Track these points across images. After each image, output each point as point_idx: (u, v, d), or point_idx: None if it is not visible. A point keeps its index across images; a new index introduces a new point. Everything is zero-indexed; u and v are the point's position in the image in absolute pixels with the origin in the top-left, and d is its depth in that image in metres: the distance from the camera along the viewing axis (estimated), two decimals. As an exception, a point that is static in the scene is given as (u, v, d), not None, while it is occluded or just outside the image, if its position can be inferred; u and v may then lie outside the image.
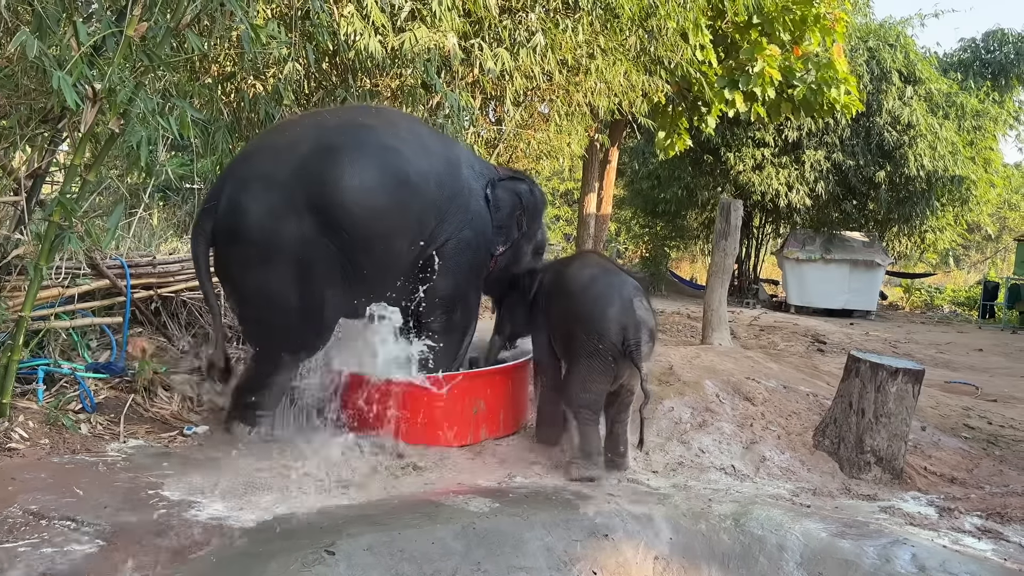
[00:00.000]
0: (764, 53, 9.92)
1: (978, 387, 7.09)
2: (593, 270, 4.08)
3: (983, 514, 3.58)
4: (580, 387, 3.81)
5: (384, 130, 3.87)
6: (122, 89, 3.30)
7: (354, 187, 3.61)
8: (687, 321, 10.48)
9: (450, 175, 4.01)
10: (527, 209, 4.39)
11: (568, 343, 3.93)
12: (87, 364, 4.32)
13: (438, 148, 4.09)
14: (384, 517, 2.89)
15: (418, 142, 3.96)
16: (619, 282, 3.97)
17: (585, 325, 3.81)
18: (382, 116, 4.13)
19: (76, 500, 2.94)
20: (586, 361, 3.79)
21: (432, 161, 3.94)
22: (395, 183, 3.73)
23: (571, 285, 4.02)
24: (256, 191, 3.59)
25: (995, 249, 28.66)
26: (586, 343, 3.78)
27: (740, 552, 3.04)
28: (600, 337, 3.74)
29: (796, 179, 15.70)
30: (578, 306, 3.90)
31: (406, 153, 3.82)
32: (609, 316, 3.77)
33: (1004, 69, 19.92)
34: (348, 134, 3.78)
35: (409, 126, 4.12)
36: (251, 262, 3.63)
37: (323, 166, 3.60)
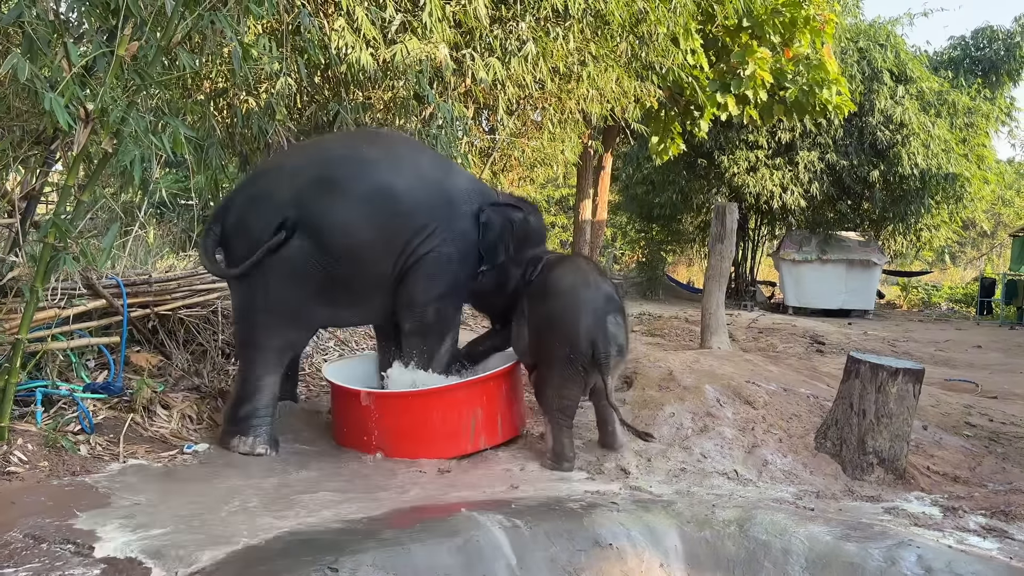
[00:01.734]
0: (755, 56, 9.96)
1: (978, 384, 7.08)
2: (573, 278, 4.22)
3: (987, 513, 3.57)
4: (554, 392, 4.06)
5: (383, 163, 4.20)
6: (114, 109, 3.29)
7: (341, 223, 4.02)
8: (685, 325, 10.48)
9: (440, 200, 4.29)
10: (516, 235, 4.47)
11: (542, 346, 4.13)
12: (85, 385, 4.30)
13: (434, 176, 4.37)
14: (386, 532, 2.88)
15: (415, 172, 4.28)
16: (595, 295, 4.12)
17: (558, 333, 4.03)
18: (386, 147, 4.40)
19: (75, 522, 2.92)
20: (559, 367, 4.02)
21: (425, 190, 4.25)
22: (383, 219, 4.09)
23: (549, 291, 4.19)
24: (260, 209, 4.05)
25: (991, 245, 28.71)
26: (558, 350, 4.00)
27: (745, 558, 3.03)
28: (571, 347, 3.96)
29: (790, 180, 15.73)
30: (553, 313, 4.11)
31: (399, 187, 4.15)
32: (580, 328, 3.97)
33: (994, 66, 20.03)
34: (347, 168, 4.16)
35: (411, 156, 4.42)
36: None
37: (319, 198, 4.02)
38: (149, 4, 3.51)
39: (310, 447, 4.31)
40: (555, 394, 4.06)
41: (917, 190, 16.00)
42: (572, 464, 4.04)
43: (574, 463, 4.06)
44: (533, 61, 6.46)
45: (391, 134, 5.29)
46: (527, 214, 4.56)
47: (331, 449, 4.29)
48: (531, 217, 4.59)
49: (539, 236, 4.65)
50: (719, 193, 16.64)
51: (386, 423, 4.18)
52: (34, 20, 3.29)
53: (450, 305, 4.46)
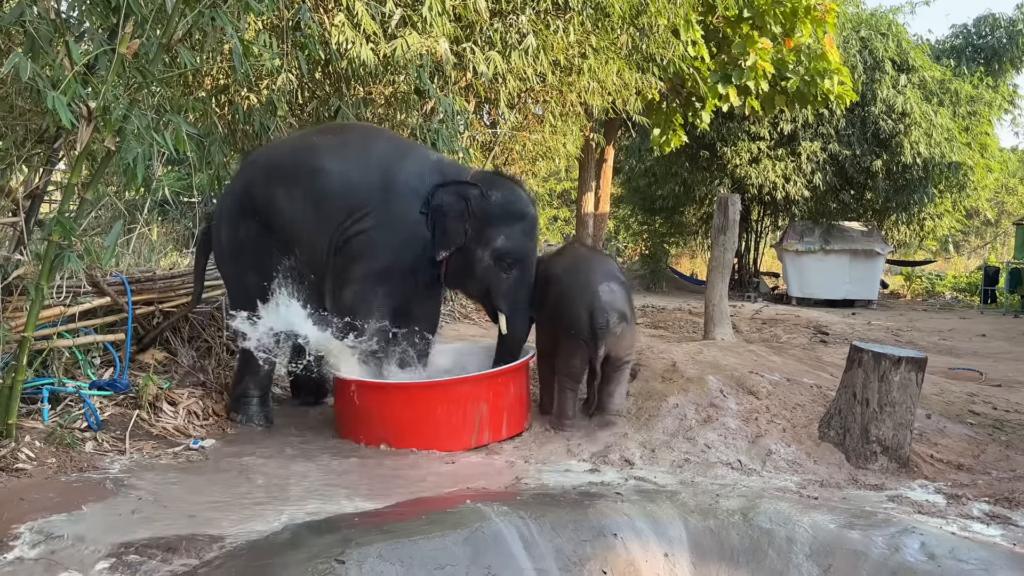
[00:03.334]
0: (756, 46, 9.94)
1: (982, 373, 7.08)
2: (568, 260, 4.69)
3: (991, 500, 3.57)
4: (563, 361, 4.48)
5: (325, 149, 4.39)
6: (116, 107, 3.30)
7: (283, 205, 4.30)
8: (688, 317, 10.48)
9: (380, 183, 4.29)
10: (475, 215, 4.31)
11: (552, 324, 4.52)
12: (91, 382, 4.32)
13: (381, 159, 4.38)
14: (392, 524, 2.90)
15: (358, 157, 4.38)
16: (588, 271, 4.54)
17: (559, 311, 4.42)
18: (340, 134, 4.65)
19: (84, 518, 2.94)
20: (565, 340, 4.42)
21: (363, 173, 4.31)
22: (314, 200, 4.27)
23: (551, 275, 4.56)
24: (226, 202, 4.61)
25: (994, 234, 28.63)
26: (562, 326, 4.40)
27: (749, 546, 3.04)
28: (571, 321, 4.34)
29: (793, 171, 15.71)
30: (555, 294, 4.47)
31: (332, 170, 4.29)
32: (578, 304, 4.34)
33: (996, 54, 19.93)
34: (291, 154, 4.49)
35: (361, 142, 4.53)
36: (223, 257, 4.60)
37: (264, 183, 4.39)
38: (149, 2, 3.52)
39: (314, 440, 4.33)
40: (562, 362, 4.48)
41: (920, 179, 15.97)
42: (573, 423, 4.47)
43: (575, 423, 4.48)
44: (534, 54, 6.46)
45: (361, 126, 5.29)
46: (486, 191, 4.34)
47: (334, 442, 4.30)
48: (493, 193, 4.36)
49: (506, 213, 4.39)
50: (721, 184, 16.62)
51: (390, 415, 4.20)
52: (35, 19, 3.31)
53: (371, 288, 4.28)
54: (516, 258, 4.43)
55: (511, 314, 4.50)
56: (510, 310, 4.49)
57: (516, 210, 4.44)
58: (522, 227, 4.45)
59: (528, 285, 4.53)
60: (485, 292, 4.52)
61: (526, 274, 4.51)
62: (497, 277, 4.43)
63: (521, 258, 4.46)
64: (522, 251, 4.46)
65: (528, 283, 4.53)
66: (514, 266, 4.44)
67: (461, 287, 4.73)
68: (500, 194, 4.41)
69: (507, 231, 4.38)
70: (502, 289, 4.46)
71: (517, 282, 4.48)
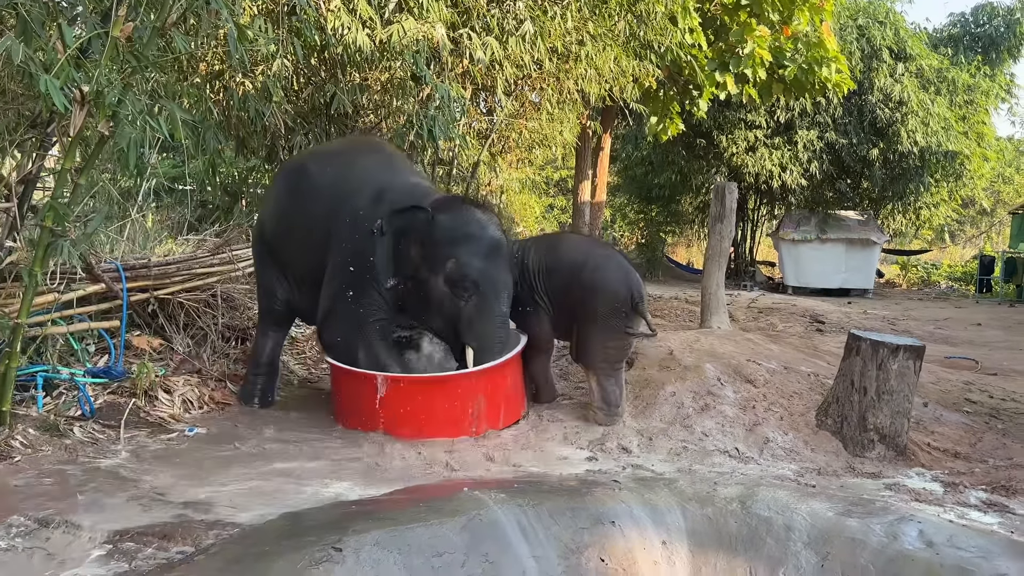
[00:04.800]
0: (754, 34, 9.90)
1: (978, 361, 7.09)
2: (585, 245, 4.78)
3: (988, 488, 3.58)
4: (599, 346, 4.35)
5: (311, 173, 4.62)
6: (110, 91, 3.26)
7: (273, 225, 4.72)
8: (685, 306, 10.48)
9: (335, 209, 4.37)
10: (423, 240, 4.11)
11: (580, 312, 4.36)
12: (86, 369, 4.30)
13: (351, 184, 4.41)
14: (390, 512, 2.88)
15: (336, 182, 4.47)
16: (610, 253, 4.74)
17: (598, 294, 4.32)
18: (326, 157, 4.84)
19: (78, 506, 2.92)
20: (603, 323, 4.31)
21: (329, 201, 4.41)
22: (300, 222, 4.52)
23: (570, 261, 4.47)
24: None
25: (990, 223, 28.67)
26: (601, 308, 4.30)
27: (747, 534, 3.04)
28: (616, 300, 4.30)
29: (789, 160, 15.68)
30: (584, 280, 4.37)
31: (309, 200, 4.49)
32: (618, 282, 4.35)
33: (994, 43, 19.92)
34: (284, 178, 4.87)
35: (345, 160, 4.66)
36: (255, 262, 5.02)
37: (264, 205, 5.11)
38: (143, -15, 3.48)
39: (312, 427, 4.31)
40: (600, 347, 4.36)
41: (916, 168, 15.97)
42: (622, 409, 4.39)
43: (623, 407, 4.41)
44: (531, 41, 6.41)
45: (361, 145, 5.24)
46: (436, 215, 4.13)
47: (332, 430, 4.29)
48: (442, 216, 4.13)
49: (456, 236, 4.12)
50: (718, 173, 16.60)
51: (388, 405, 4.18)
52: (28, 2, 3.26)
53: (343, 309, 4.28)
54: (472, 282, 4.10)
55: (479, 349, 4.15)
56: (477, 343, 4.15)
57: (467, 232, 4.15)
58: (473, 249, 4.12)
59: (496, 315, 4.19)
60: (450, 326, 4.22)
61: (490, 303, 4.16)
62: (453, 305, 4.14)
63: (478, 282, 4.11)
64: (477, 275, 4.11)
65: (495, 313, 4.19)
66: (471, 291, 4.11)
67: (422, 320, 4.34)
68: (450, 217, 4.17)
69: (458, 254, 4.10)
70: (462, 319, 4.14)
71: (478, 311, 4.14)
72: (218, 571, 2.37)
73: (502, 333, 4.27)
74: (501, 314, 4.24)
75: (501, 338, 4.25)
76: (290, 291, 4.68)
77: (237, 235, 6.52)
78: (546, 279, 4.46)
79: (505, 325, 4.31)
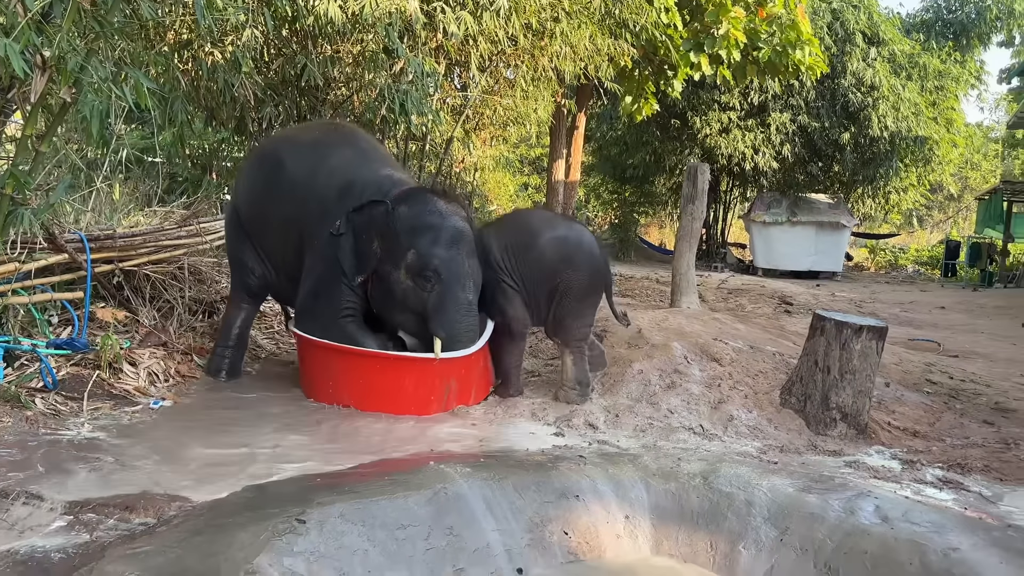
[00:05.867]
0: (729, 15, 9.90)
1: (940, 344, 7.22)
2: (559, 220, 4.84)
3: (944, 466, 3.65)
4: (576, 323, 4.39)
5: (286, 166, 4.53)
6: (73, 57, 3.20)
7: (248, 209, 4.67)
8: (656, 286, 10.55)
9: (308, 208, 4.36)
10: (383, 234, 4.11)
11: (560, 287, 4.33)
12: (48, 341, 4.24)
13: (322, 180, 4.39)
14: (355, 485, 2.89)
15: (308, 178, 4.42)
16: (582, 228, 4.73)
17: (577, 266, 4.34)
18: (301, 149, 4.64)
19: (40, 477, 2.90)
20: (580, 297, 4.35)
21: (303, 199, 4.39)
22: (276, 215, 4.50)
23: (547, 236, 4.41)
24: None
25: (957, 208, 29.10)
26: (581, 282, 4.33)
27: (709, 509, 3.08)
28: (594, 273, 4.39)
29: (762, 142, 15.78)
30: (564, 253, 4.36)
31: (283, 194, 4.46)
32: (598, 256, 4.45)
33: (965, 29, 20.10)
34: (259, 164, 4.78)
35: (319, 154, 4.53)
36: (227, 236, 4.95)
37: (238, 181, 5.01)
38: (107, -52, 3.40)
39: (278, 400, 4.30)
40: (578, 324, 4.40)
41: (886, 153, 16.14)
42: (592, 388, 4.43)
43: (594, 386, 4.46)
44: (506, 16, 6.36)
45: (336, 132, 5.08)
46: (395, 207, 4.12)
47: (299, 402, 4.27)
48: (401, 208, 4.12)
49: (415, 226, 4.10)
50: (691, 154, 16.67)
51: (358, 380, 4.17)
52: (-13, -37, 3.18)
53: (321, 306, 4.28)
54: (433, 271, 4.05)
55: (447, 339, 4.06)
56: (444, 333, 4.07)
57: (426, 222, 4.11)
58: (433, 238, 4.08)
59: (461, 303, 4.11)
60: (418, 320, 4.15)
61: (454, 291, 4.09)
62: (417, 297, 4.10)
63: (439, 271, 4.06)
64: (438, 264, 4.06)
65: (460, 301, 4.11)
66: (433, 281, 4.07)
67: (392, 318, 4.26)
68: (408, 208, 4.13)
69: (418, 244, 4.07)
70: (428, 310, 4.09)
71: (442, 300, 4.08)
72: (180, 542, 2.36)
73: (469, 321, 4.16)
74: (467, 302, 4.14)
75: (469, 326, 4.16)
76: (266, 270, 4.65)
77: (206, 208, 6.44)
78: (518, 258, 4.36)
79: (472, 312, 4.17)
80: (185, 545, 2.35)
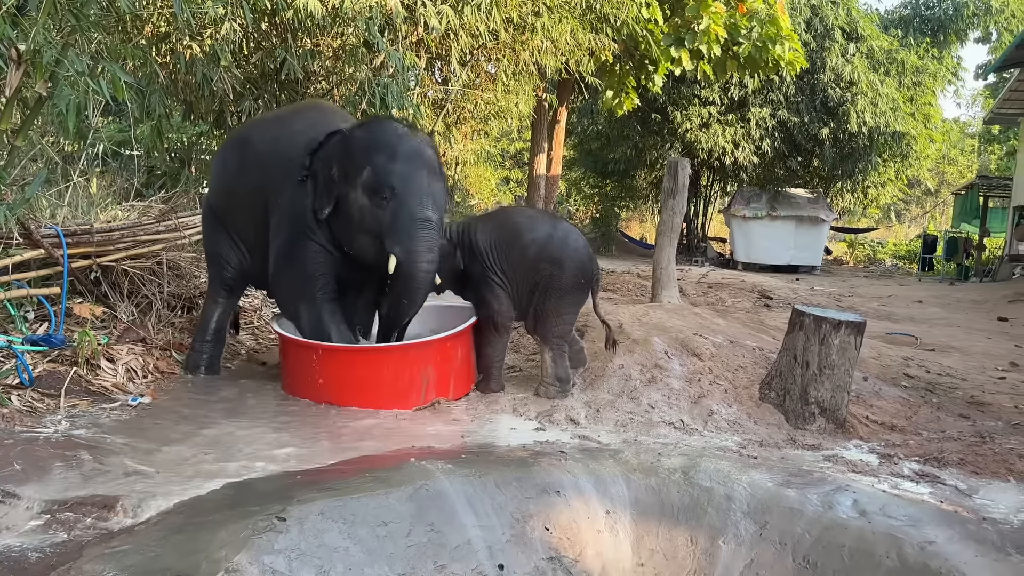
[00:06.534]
0: (709, 10, 9.94)
1: (917, 338, 7.29)
2: (544, 218, 4.75)
3: (921, 459, 3.69)
4: (557, 320, 4.39)
5: (252, 140, 4.57)
6: (48, 50, 3.16)
7: (221, 198, 4.70)
8: (637, 280, 10.58)
9: (271, 167, 4.32)
10: (340, 160, 4.08)
11: (541, 284, 4.35)
12: (24, 337, 4.19)
13: (285, 141, 4.35)
14: (335, 483, 2.88)
15: (273, 143, 4.40)
16: (570, 226, 4.67)
17: (566, 265, 4.35)
18: (266, 123, 4.80)
19: (16, 475, 2.86)
20: (565, 295, 4.37)
21: (267, 162, 4.36)
22: (244, 188, 4.48)
23: (532, 234, 4.41)
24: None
25: (934, 203, 29.39)
26: (564, 280, 4.34)
27: (689, 504, 3.10)
28: (582, 272, 4.40)
29: (742, 137, 15.85)
30: (551, 250, 4.37)
31: (250, 166, 4.46)
32: (587, 254, 4.47)
33: (943, 25, 20.29)
34: (228, 149, 4.82)
35: (283, 123, 4.59)
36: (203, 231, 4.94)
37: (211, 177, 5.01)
38: (83, -60, 3.36)
39: (258, 397, 4.28)
40: (558, 322, 4.40)
41: (865, 148, 16.27)
42: (572, 384, 4.44)
43: (574, 381, 4.49)
44: (487, 10, 6.35)
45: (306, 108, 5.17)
46: (349, 132, 4.14)
47: (279, 399, 4.26)
48: (355, 132, 4.14)
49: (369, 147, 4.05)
50: (672, 149, 16.72)
51: (336, 375, 4.16)
52: (-41, -46, 3.13)
53: (287, 269, 4.29)
54: (387, 187, 3.98)
55: (403, 254, 3.98)
56: (401, 248, 3.98)
57: (382, 141, 4.07)
58: (390, 155, 4.01)
59: (417, 217, 3.98)
60: (376, 241, 4.06)
61: (410, 205, 3.98)
62: (373, 216, 4.01)
63: (394, 186, 3.98)
64: (393, 180, 3.98)
65: (417, 216, 3.98)
66: (390, 196, 3.98)
67: (352, 244, 4.18)
68: (362, 131, 4.14)
69: (372, 163, 4.01)
70: (384, 225, 4.00)
71: (396, 215, 3.98)
72: (159, 541, 2.35)
73: (426, 236, 4.00)
74: (424, 217, 3.99)
75: (426, 242, 4.00)
76: (242, 257, 4.63)
77: (184, 202, 6.39)
78: (502, 255, 4.39)
79: (430, 229, 4.02)
80: (164, 544, 2.33)
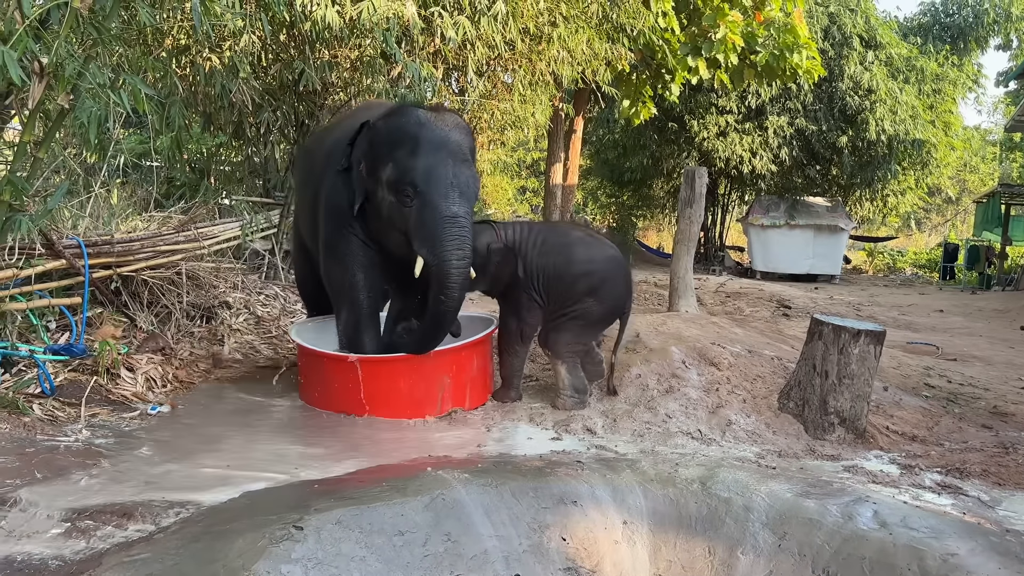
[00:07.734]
0: (726, 19, 9.93)
1: (938, 347, 7.22)
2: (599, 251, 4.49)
3: (943, 470, 3.65)
4: (573, 339, 4.37)
5: (310, 149, 4.78)
6: (70, 63, 3.20)
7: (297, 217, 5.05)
8: (654, 289, 10.55)
9: (328, 151, 4.30)
10: (366, 153, 3.96)
11: (567, 304, 4.31)
12: (46, 346, 4.23)
13: (333, 137, 4.39)
14: (352, 492, 2.88)
15: (325, 142, 4.46)
16: (608, 247, 4.57)
17: (604, 302, 4.35)
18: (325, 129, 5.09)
19: (37, 483, 2.89)
20: (590, 326, 4.40)
21: (321, 162, 4.34)
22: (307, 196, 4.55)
23: (586, 267, 4.36)
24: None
25: (955, 211, 29.12)
26: (598, 313, 4.36)
27: (707, 515, 3.07)
28: (615, 309, 4.41)
29: (760, 145, 15.79)
30: (600, 291, 4.34)
31: (310, 171, 4.52)
32: (625, 291, 4.45)
33: (963, 32, 20.16)
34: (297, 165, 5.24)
35: (337, 124, 4.74)
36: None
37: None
38: (105, -46, 3.40)
39: (275, 407, 4.29)
40: (573, 341, 4.38)
41: (884, 156, 16.16)
42: (589, 394, 4.43)
43: (591, 391, 4.47)
44: (503, 20, 6.37)
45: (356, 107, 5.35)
46: (373, 123, 3.99)
47: (297, 409, 4.27)
48: (379, 124, 3.98)
49: (391, 140, 3.89)
50: (689, 158, 16.69)
51: (354, 385, 4.17)
52: (-16, -30, 3.18)
53: (333, 263, 4.24)
54: (409, 184, 3.80)
55: (431, 256, 3.81)
56: (428, 250, 3.82)
57: (404, 133, 3.86)
58: (411, 149, 3.81)
59: (443, 215, 3.78)
60: (406, 239, 3.92)
61: (435, 202, 3.78)
62: (400, 213, 3.86)
63: (415, 183, 3.79)
64: (415, 176, 3.79)
65: (442, 213, 3.78)
66: (413, 194, 3.81)
67: (386, 239, 4.08)
68: (384, 123, 3.95)
69: (393, 159, 3.84)
70: (409, 225, 3.84)
71: (421, 214, 3.80)
72: (177, 550, 2.36)
73: (454, 235, 3.80)
74: (450, 215, 3.78)
75: (455, 241, 3.80)
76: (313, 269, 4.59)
77: (204, 213, 6.43)
78: (550, 280, 4.33)
79: (460, 226, 3.82)
80: (182, 552, 2.34)
